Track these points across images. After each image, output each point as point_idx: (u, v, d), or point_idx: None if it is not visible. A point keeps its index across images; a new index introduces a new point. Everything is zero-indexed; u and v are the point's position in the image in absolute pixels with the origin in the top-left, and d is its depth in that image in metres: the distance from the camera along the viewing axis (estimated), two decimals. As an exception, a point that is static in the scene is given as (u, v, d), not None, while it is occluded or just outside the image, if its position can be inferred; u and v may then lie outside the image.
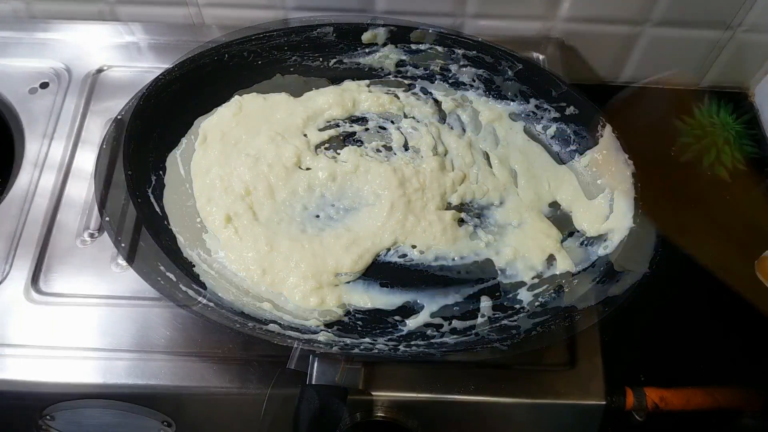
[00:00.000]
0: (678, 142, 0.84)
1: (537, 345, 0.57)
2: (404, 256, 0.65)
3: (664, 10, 0.79)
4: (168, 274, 0.61)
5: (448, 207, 0.68)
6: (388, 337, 0.59)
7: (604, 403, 0.59)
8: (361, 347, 0.58)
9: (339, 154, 0.71)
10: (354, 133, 0.73)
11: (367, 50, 0.76)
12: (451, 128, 0.73)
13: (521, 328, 0.59)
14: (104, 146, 0.64)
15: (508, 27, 0.84)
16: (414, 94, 0.76)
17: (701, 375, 0.70)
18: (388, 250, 0.65)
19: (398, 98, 0.75)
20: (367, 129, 0.73)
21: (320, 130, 0.73)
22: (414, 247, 0.65)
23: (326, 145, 0.72)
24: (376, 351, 0.57)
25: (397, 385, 0.59)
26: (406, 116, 0.74)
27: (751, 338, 0.72)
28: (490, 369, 0.60)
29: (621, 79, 0.91)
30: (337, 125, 0.73)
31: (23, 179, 0.72)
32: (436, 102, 0.75)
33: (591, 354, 0.61)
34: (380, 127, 0.73)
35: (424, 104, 0.75)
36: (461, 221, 0.67)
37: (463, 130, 0.73)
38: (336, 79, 0.76)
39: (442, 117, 0.74)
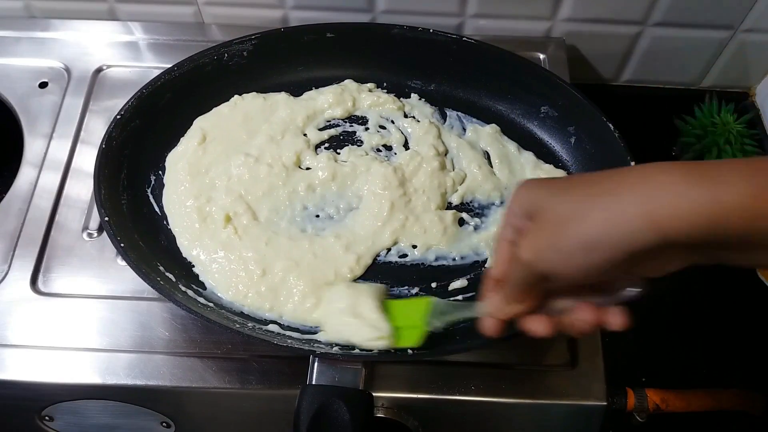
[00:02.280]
0: (679, 142, 0.84)
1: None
2: (404, 255, 0.65)
3: (665, 10, 0.79)
4: (167, 274, 0.61)
5: (449, 207, 0.68)
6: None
7: (604, 404, 0.59)
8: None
9: (339, 153, 0.70)
10: (354, 133, 0.73)
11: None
12: (452, 128, 0.73)
13: None
14: (104, 146, 0.64)
15: (509, 27, 0.84)
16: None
17: (703, 376, 0.70)
18: (389, 250, 0.65)
19: (398, 98, 0.75)
20: (367, 129, 0.73)
21: (320, 129, 0.72)
22: (414, 246, 0.65)
23: (326, 145, 0.72)
24: (377, 351, 0.57)
25: (397, 385, 0.59)
26: (406, 116, 0.74)
27: (753, 339, 0.72)
28: (490, 369, 0.60)
29: (622, 79, 0.91)
30: (337, 125, 0.73)
31: (22, 179, 0.72)
32: (437, 101, 0.75)
33: (592, 354, 0.61)
34: (380, 127, 0.73)
35: (425, 104, 0.75)
36: (462, 221, 0.67)
37: (464, 130, 0.73)
38: (336, 79, 0.76)
39: (443, 116, 0.74)
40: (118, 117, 0.66)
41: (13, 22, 0.86)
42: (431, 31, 0.73)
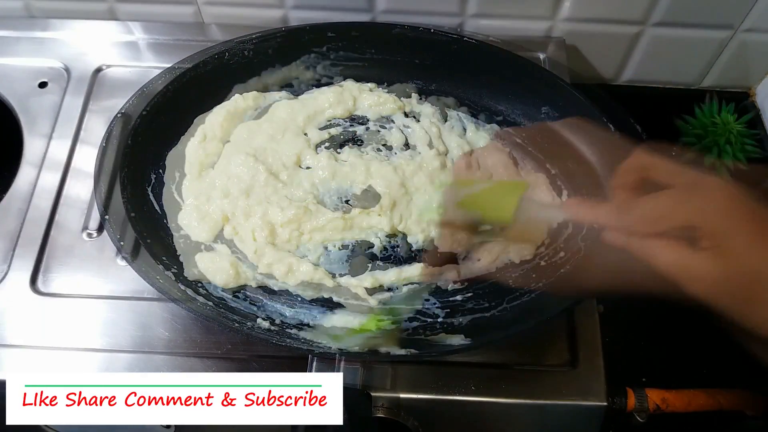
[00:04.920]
0: (679, 142, 0.84)
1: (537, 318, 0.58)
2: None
3: (665, 10, 0.79)
4: (167, 273, 0.61)
5: (449, 206, 0.68)
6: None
7: (605, 404, 0.59)
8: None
9: (339, 153, 0.70)
10: (354, 133, 0.73)
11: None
12: (452, 128, 0.73)
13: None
14: (104, 144, 0.64)
15: (509, 27, 0.84)
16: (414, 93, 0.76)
17: (703, 376, 0.70)
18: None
19: (399, 97, 0.75)
20: (367, 128, 0.73)
21: (321, 129, 0.72)
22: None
23: (326, 144, 0.72)
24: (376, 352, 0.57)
25: (397, 385, 0.59)
26: (406, 115, 0.74)
27: (753, 339, 0.72)
28: (490, 369, 0.60)
29: (622, 79, 0.91)
30: (338, 124, 0.73)
31: (23, 179, 0.72)
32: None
33: (592, 354, 0.61)
34: (381, 126, 0.73)
35: (425, 104, 0.75)
36: (462, 221, 0.67)
37: (464, 130, 0.73)
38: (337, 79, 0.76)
39: (443, 116, 0.74)
40: (119, 115, 0.66)
41: (13, 22, 0.86)
42: (432, 30, 0.73)
